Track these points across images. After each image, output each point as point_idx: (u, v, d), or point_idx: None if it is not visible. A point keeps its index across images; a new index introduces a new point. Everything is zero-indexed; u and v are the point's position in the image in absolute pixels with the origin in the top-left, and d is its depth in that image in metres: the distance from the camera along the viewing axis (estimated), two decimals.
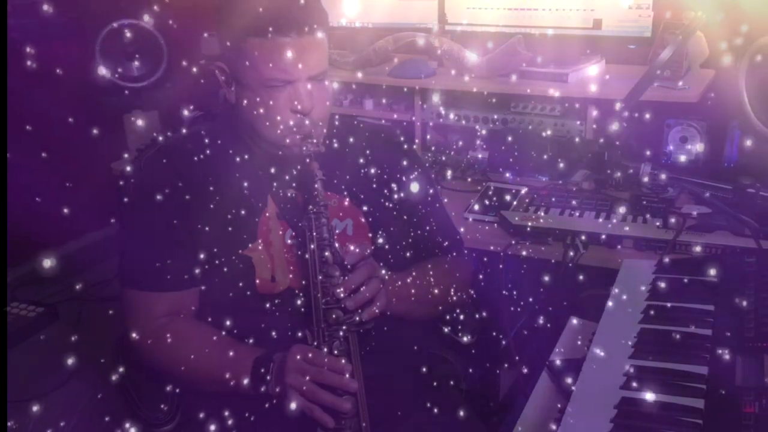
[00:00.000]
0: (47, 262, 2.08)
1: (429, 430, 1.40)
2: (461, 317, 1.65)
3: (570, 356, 1.33)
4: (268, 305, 1.39)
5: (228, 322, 1.39)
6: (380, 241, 1.48)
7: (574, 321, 1.47)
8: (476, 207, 1.97)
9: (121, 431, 1.47)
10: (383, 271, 1.37)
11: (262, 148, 1.41)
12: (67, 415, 2.03)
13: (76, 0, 2.55)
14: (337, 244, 1.33)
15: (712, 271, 1.42)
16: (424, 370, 1.54)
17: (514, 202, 1.97)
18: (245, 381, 1.30)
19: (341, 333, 1.28)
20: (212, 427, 1.39)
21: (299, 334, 1.32)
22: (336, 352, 1.27)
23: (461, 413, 1.49)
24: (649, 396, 1.08)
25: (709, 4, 1.93)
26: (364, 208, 1.49)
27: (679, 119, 2.06)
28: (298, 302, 1.37)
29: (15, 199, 2.41)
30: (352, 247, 1.32)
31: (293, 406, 1.24)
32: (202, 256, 1.39)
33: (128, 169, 1.45)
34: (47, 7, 2.55)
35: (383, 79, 2.34)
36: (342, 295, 1.27)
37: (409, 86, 2.31)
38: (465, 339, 1.67)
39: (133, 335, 1.42)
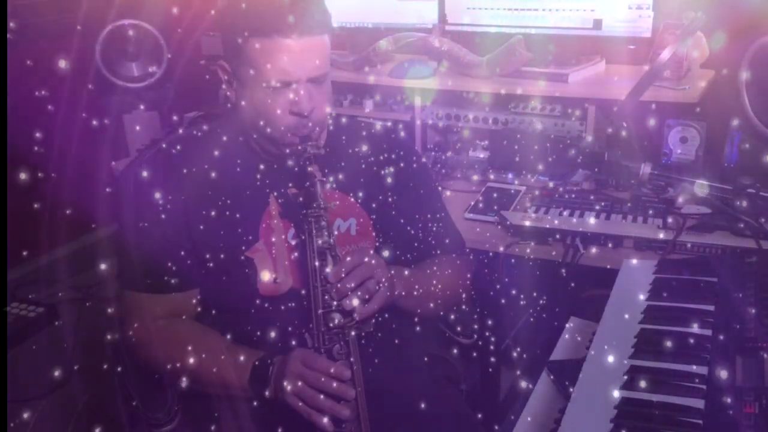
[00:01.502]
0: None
1: (429, 431, 1.40)
2: (461, 317, 1.65)
3: (570, 356, 1.33)
4: (270, 306, 1.39)
5: (230, 324, 1.39)
6: (384, 239, 1.48)
7: (574, 321, 1.47)
8: (476, 207, 1.97)
9: (122, 431, 1.47)
10: (383, 270, 1.36)
11: (263, 148, 1.41)
12: (68, 416, 2.03)
13: (76, 0, 2.55)
14: (338, 247, 1.33)
15: (712, 271, 1.42)
16: (425, 370, 1.54)
17: (514, 202, 1.98)
18: (245, 384, 1.30)
19: (341, 336, 1.28)
20: (212, 428, 1.39)
21: (302, 335, 1.32)
22: (336, 355, 1.27)
23: (461, 413, 1.49)
24: (649, 396, 1.08)
25: (709, 4, 1.93)
26: (368, 207, 1.49)
27: (679, 119, 2.06)
28: (301, 304, 1.36)
29: (15, 199, 2.40)
30: (348, 258, 1.31)
31: (292, 409, 1.24)
32: (203, 257, 1.38)
33: (128, 169, 1.45)
34: (47, 7, 2.56)
35: (383, 79, 2.34)
36: (336, 299, 1.27)
37: (409, 86, 2.31)
38: (465, 339, 1.68)
39: (132, 337, 1.42)
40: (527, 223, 1.81)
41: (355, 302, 1.27)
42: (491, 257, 1.83)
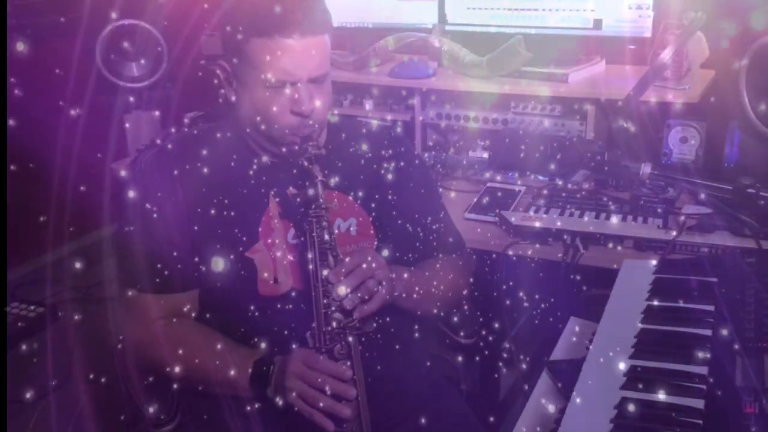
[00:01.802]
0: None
1: (430, 430, 1.40)
2: (461, 317, 1.65)
3: (570, 356, 1.33)
4: (270, 307, 1.39)
5: (230, 324, 1.39)
6: (384, 238, 1.48)
7: (574, 321, 1.47)
8: (476, 207, 1.97)
9: (122, 431, 1.47)
10: (383, 270, 1.36)
11: (263, 148, 1.41)
12: (68, 415, 2.03)
13: (76, 0, 2.55)
14: (338, 247, 1.33)
15: (712, 271, 1.42)
16: (425, 370, 1.54)
17: (515, 202, 1.98)
18: (245, 384, 1.30)
19: (342, 337, 1.28)
20: (212, 428, 1.39)
21: (302, 335, 1.32)
22: (337, 355, 1.27)
23: (461, 413, 1.50)
24: (649, 396, 1.08)
25: (709, 4, 1.93)
26: (367, 206, 1.49)
27: (679, 119, 2.06)
28: (301, 304, 1.36)
29: (15, 199, 2.41)
30: (347, 259, 1.31)
31: (293, 409, 1.24)
32: (202, 257, 1.38)
33: (128, 169, 1.45)
34: (47, 7, 2.56)
35: (383, 79, 2.34)
36: (336, 299, 1.27)
37: (409, 86, 2.31)
38: (465, 339, 1.68)
39: (131, 337, 1.42)
40: (527, 223, 1.81)
41: (347, 293, 1.26)
42: (491, 257, 1.83)
